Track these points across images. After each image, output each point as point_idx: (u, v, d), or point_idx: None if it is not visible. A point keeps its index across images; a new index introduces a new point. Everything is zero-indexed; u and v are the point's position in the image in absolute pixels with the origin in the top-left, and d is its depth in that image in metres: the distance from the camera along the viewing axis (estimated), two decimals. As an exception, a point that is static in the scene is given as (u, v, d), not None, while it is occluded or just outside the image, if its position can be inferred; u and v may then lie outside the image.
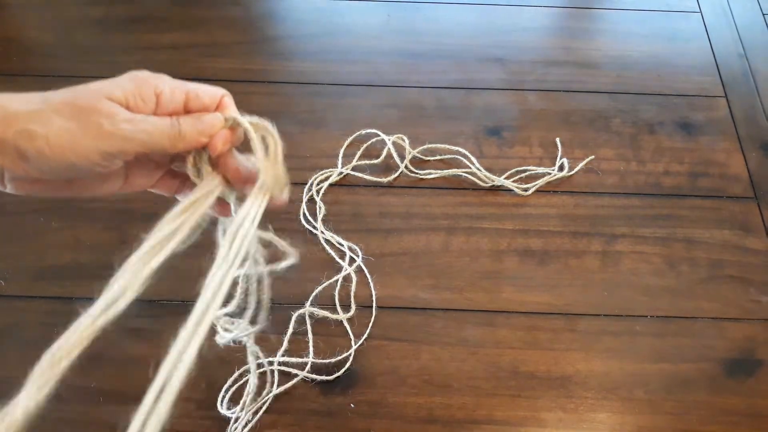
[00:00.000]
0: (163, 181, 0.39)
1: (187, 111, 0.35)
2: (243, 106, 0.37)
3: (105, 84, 0.32)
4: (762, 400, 0.61)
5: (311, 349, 0.62)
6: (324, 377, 0.61)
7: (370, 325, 0.64)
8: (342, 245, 0.69)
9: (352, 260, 0.68)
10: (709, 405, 0.60)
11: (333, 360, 0.62)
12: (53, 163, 0.30)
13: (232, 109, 0.36)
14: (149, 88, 0.33)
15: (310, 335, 0.63)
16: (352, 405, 0.60)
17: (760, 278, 0.68)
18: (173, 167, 0.39)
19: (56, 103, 0.31)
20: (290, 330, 0.63)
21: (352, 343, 0.63)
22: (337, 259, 0.68)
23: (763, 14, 0.96)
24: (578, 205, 0.74)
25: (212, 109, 0.35)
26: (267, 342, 0.61)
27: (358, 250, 0.69)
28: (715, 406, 0.60)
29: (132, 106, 0.32)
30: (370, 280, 0.67)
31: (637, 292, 0.67)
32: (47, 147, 0.30)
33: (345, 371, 0.61)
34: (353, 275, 0.67)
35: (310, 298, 0.65)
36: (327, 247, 0.69)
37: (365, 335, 0.63)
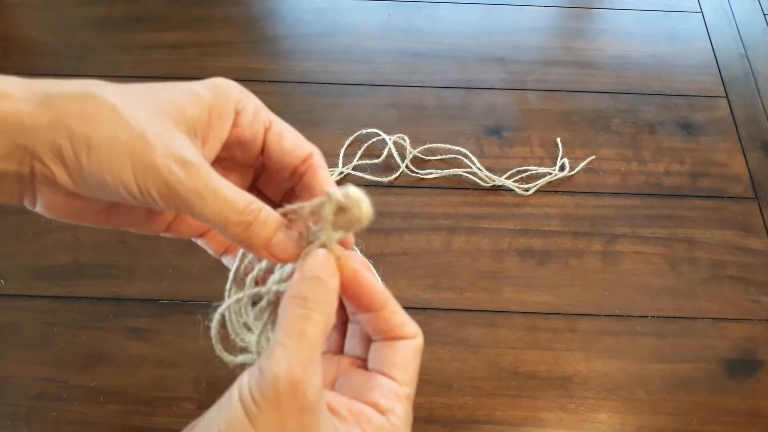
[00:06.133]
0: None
1: (263, 147, 0.29)
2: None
3: (178, 94, 0.26)
4: (762, 400, 0.61)
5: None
6: (324, 377, 0.61)
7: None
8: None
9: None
10: (709, 405, 0.60)
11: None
12: (86, 174, 0.24)
13: (321, 176, 0.29)
14: (229, 101, 0.27)
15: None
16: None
17: (761, 278, 0.68)
18: None
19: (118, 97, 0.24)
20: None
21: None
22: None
23: (764, 14, 0.96)
24: (579, 205, 0.74)
25: (292, 160, 0.29)
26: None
27: (357, 250, 0.69)
28: (716, 407, 0.60)
29: (204, 125, 0.26)
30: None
31: (637, 292, 0.67)
32: (85, 152, 0.24)
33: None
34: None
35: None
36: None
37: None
